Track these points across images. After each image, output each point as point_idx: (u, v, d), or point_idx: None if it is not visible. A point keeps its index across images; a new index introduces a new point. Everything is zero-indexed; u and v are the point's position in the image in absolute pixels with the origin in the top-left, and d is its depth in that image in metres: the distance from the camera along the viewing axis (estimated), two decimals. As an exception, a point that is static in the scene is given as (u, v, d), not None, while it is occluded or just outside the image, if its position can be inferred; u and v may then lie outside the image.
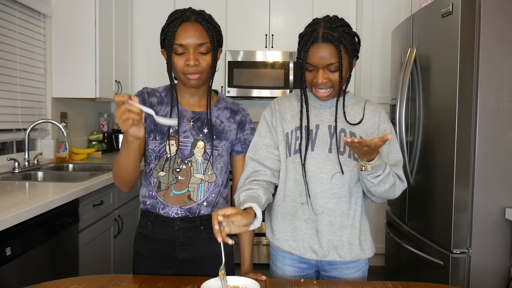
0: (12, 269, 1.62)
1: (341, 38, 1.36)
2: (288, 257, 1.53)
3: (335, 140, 1.45)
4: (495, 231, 1.97)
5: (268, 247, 3.69)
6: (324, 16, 1.46)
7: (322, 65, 1.37)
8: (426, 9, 2.34)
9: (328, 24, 1.39)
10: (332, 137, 1.46)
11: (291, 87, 3.79)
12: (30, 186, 2.18)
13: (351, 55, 1.40)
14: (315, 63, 1.38)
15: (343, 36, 1.37)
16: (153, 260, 1.49)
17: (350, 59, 1.40)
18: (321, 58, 1.36)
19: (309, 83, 1.43)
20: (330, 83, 1.40)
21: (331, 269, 1.52)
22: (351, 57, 1.40)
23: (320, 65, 1.37)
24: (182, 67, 1.38)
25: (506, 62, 1.95)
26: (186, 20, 1.37)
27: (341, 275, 1.51)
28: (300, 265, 1.52)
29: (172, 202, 1.46)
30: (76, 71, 3.10)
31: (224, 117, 1.51)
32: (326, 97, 1.43)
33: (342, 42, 1.36)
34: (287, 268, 1.53)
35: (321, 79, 1.38)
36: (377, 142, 1.20)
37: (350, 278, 1.50)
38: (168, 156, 1.45)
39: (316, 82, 1.39)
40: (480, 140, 1.96)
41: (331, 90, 1.42)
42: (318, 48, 1.37)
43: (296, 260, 1.52)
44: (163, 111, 1.47)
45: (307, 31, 1.41)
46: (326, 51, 1.36)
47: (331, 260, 1.49)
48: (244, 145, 1.55)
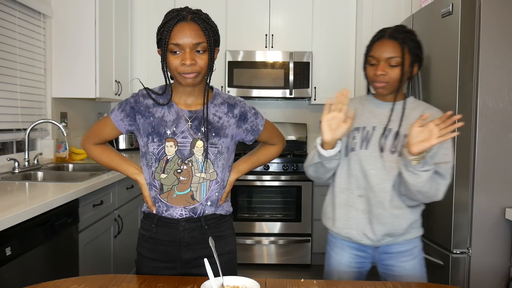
0: (12, 269, 1.62)
1: (406, 40, 1.51)
2: (346, 244, 1.67)
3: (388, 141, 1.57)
4: (495, 231, 1.98)
5: (267, 247, 3.69)
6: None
7: (383, 58, 1.51)
8: (426, 9, 2.34)
9: (396, 27, 1.55)
10: (386, 138, 1.57)
11: (291, 87, 3.79)
12: (30, 186, 2.18)
13: (414, 58, 1.53)
14: (377, 55, 1.52)
15: (408, 39, 1.52)
16: (158, 261, 1.49)
17: (412, 61, 1.53)
18: (383, 51, 1.51)
19: (370, 78, 1.57)
20: (388, 77, 1.52)
21: (386, 257, 1.64)
22: (414, 60, 1.53)
23: (382, 57, 1.51)
24: (177, 66, 1.37)
25: (506, 62, 1.95)
26: (182, 20, 1.36)
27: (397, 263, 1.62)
28: (357, 252, 1.66)
29: (176, 203, 1.46)
30: (76, 71, 3.10)
31: (222, 112, 1.49)
32: (383, 90, 1.55)
33: (406, 43, 1.50)
34: (345, 255, 1.67)
35: (380, 71, 1.51)
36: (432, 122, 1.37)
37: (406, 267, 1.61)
38: (168, 158, 1.45)
39: (375, 74, 1.53)
40: (480, 140, 1.96)
41: (387, 84, 1.53)
42: (383, 42, 1.52)
43: (353, 248, 1.66)
44: (159, 112, 1.47)
45: (376, 34, 1.58)
46: (389, 46, 1.51)
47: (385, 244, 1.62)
48: (254, 131, 1.56)
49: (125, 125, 1.50)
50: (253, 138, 1.57)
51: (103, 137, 1.57)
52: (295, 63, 3.79)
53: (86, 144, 1.60)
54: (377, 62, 1.52)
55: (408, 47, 1.50)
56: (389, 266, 1.64)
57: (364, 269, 1.69)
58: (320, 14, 3.87)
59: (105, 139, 1.58)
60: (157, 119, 1.46)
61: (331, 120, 1.45)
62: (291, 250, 3.69)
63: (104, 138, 1.58)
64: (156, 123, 1.45)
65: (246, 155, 1.67)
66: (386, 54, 1.50)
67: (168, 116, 1.46)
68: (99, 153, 1.59)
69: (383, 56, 1.50)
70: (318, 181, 1.70)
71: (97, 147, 1.59)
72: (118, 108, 1.50)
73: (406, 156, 1.42)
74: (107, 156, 1.59)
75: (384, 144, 1.57)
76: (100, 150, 1.59)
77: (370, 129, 1.60)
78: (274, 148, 1.67)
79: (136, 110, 1.48)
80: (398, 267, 1.62)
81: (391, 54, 1.49)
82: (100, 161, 1.59)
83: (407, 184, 1.48)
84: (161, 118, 1.45)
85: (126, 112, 1.49)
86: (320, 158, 1.53)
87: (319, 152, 1.51)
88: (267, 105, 4.26)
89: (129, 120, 1.49)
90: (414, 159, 1.41)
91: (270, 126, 1.63)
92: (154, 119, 1.46)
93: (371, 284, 1.34)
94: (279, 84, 3.81)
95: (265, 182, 3.68)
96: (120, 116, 1.49)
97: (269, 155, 1.67)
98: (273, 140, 1.65)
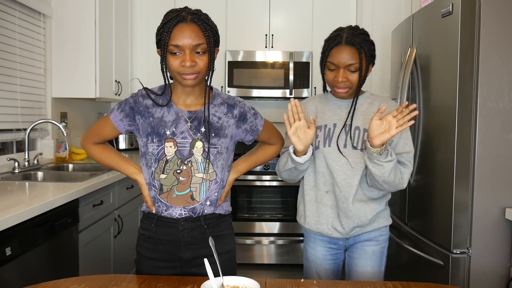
0: (12, 269, 1.62)
1: (362, 44, 1.54)
2: (319, 238, 1.75)
3: (349, 137, 1.64)
4: (495, 231, 1.97)
5: (267, 247, 3.69)
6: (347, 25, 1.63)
7: (343, 65, 1.55)
8: (426, 9, 2.34)
9: (351, 31, 1.56)
10: (347, 134, 1.64)
11: (291, 87, 3.79)
12: (30, 186, 2.18)
13: (369, 60, 1.58)
14: (337, 62, 1.55)
15: (364, 42, 1.55)
16: (157, 261, 1.49)
17: (367, 64, 1.58)
18: (342, 58, 1.54)
19: (330, 82, 1.61)
20: (349, 82, 1.57)
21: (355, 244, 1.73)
22: (369, 62, 1.58)
23: (341, 64, 1.55)
24: (177, 67, 1.37)
25: (506, 62, 1.95)
26: (182, 21, 1.36)
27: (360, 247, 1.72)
28: (330, 245, 1.75)
29: (176, 203, 1.46)
30: (76, 71, 3.10)
31: (221, 112, 1.50)
32: (345, 94, 1.61)
33: (363, 47, 1.54)
34: (319, 249, 1.75)
35: (341, 78, 1.55)
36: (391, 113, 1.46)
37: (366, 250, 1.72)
38: (167, 158, 1.45)
39: (336, 80, 1.57)
40: (480, 140, 1.96)
41: (349, 89, 1.59)
42: (341, 49, 1.54)
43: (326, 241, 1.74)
44: (158, 113, 1.46)
45: (331, 36, 1.59)
46: (348, 52, 1.54)
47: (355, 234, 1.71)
48: (253, 132, 1.57)
49: (125, 125, 1.50)
50: (252, 138, 1.58)
51: (102, 136, 1.57)
52: (295, 63, 3.79)
53: (86, 143, 1.60)
54: (337, 68, 1.56)
55: (364, 52, 1.55)
56: (354, 249, 1.74)
57: (339, 259, 1.78)
58: (320, 14, 3.87)
59: (104, 139, 1.59)
60: (156, 119, 1.46)
61: (296, 131, 1.52)
62: (291, 250, 3.69)
63: (104, 138, 1.58)
64: (155, 124, 1.45)
65: (245, 154, 1.67)
66: (345, 61, 1.54)
67: (167, 116, 1.46)
68: (98, 152, 1.59)
69: (342, 63, 1.54)
70: (291, 182, 1.78)
71: (96, 146, 1.59)
72: (118, 108, 1.50)
73: (369, 149, 1.50)
74: (106, 155, 1.59)
75: (346, 140, 1.64)
76: (100, 149, 1.59)
77: (331, 126, 1.67)
78: (273, 148, 1.68)
79: (136, 110, 1.48)
80: (360, 250, 1.72)
81: (350, 61, 1.54)
82: (99, 160, 1.60)
83: (373, 175, 1.55)
84: (161, 119, 1.45)
85: (125, 112, 1.49)
86: (294, 163, 1.60)
87: (295, 160, 1.58)
88: (267, 105, 4.26)
89: (128, 120, 1.49)
90: (376, 151, 1.48)
91: (269, 126, 1.64)
92: (154, 119, 1.46)
93: (371, 284, 1.35)
94: (279, 84, 3.81)
95: (265, 182, 3.68)
96: (120, 116, 1.49)
97: (268, 155, 1.68)
98: (272, 140, 1.66)
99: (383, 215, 1.73)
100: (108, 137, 1.58)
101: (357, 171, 1.63)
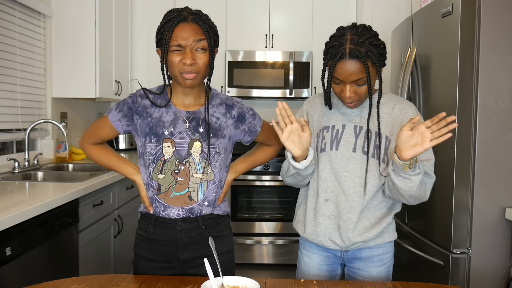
0: (12, 269, 1.62)
1: (368, 52, 1.35)
2: (316, 247, 1.60)
3: (360, 140, 1.49)
4: (495, 231, 1.97)
5: (267, 247, 3.69)
6: (350, 25, 1.43)
7: (349, 81, 1.38)
8: (426, 9, 2.34)
9: (355, 39, 1.36)
10: (357, 137, 1.49)
11: (291, 87, 3.79)
12: (30, 186, 2.18)
13: (379, 66, 1.39)
14: (343, 78, 1.39)
15: (370, 49, 1.36)
16: (155, 261, 1.49)
17: (378, 70, 1.40)
18: (348, 74, 1.37)
19: (337, 94, 1.46)
20: (357, 96, 1.42)
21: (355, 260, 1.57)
22: (379, 68, 1.39)
23: (347, 80, 1.38)
24: (178, 64, 1.37)
25: (506, 62, 1.95)
26: (183, 21, 1.36)
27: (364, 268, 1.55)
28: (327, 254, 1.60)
29: (173, 203, 1.46)
30: (76, 71, 3.10)
31: (219, 113, 1.50)
32: (354, 106, 1.47)
33: (369, 57, 1.35)
34: (314, 256, 1.61)
35: (349, 93, 1.40)
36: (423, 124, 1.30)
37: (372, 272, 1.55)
38: (165, 159, 1.44)
39: (344, 96, 1.42)
40: (480, 140, 1.96)
41: (358, 102, 1.45)
42: (345, 64, 1.36)
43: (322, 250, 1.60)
44: (157, 113, 1.46)
45: (333, 44, 1.39)
46: (353, 67, 1.36)
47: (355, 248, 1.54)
48: (251, 132, 1.56)
49: (123, 125, 1.50)
50: (250, 139, 1.58)
51: (101, 137, 1.57)
52: (295, 63, 3.79)
53: (84, 144, 1.60)
54: (343, 83, 1.41)
55: (371, 61, 1.36)
56: (355, 270, 1.58)
57: (335, 272, 1.62)
58: (320, 14, 3.87)
59: (103, 139, 1.58)
60: (154, 119, 1.46)
61: (290, 136, 1.39)
62: (291, 250, 3.69)
63: (102, 138, 1.58)
64: (153, 124, 1.45)
65: (244, 155, 1.67)
66: (351, 77, 1.37)
67: (165, 116, 1.45)
68: (96, 153, 1.59)
69: (348, 80, 1.38)
70: (298, 187, 1.64)
71: (95, 147, 1.59)
72: (116, 109, 1.50)
73: (397, 162, 1.33)
74: (104, 156, 1.59)
75: (355, 143, 1.49)
76: (98, 150, 1.59)
77: (340, 127, 1.51)
78: (271, 149, 1.67)
79: (134, 110, 1.48)
80: (364, 272, 1.56)
81: (356, 76, 1.37)
82: (97, 161, 1.59)
83: (398, 189, 1.39)
84: (159, 119, 1.45)
85: (123, 112, 1.49)
86: (295, 169, 1.46)
87: (294, 166, 1.44)
88: (267, 105, 4.26)
89: (126, 121, 1.49)
90: (406, 165, 1.32)
91: (268, 127, 1.64)
92: (152, 119, 1.46)
93: (371, 284, 1.35)
94: (279, 84, 3.81)
95: (265, 182, 3.68)
96: (118, 116, 1.49)
97: (266, 156, 1.68)
98: (270, 141, 1.66)
99: (388, 230, 1.55)
100: (107, 138, 1.57)
101: (369, 180, 1.47)
